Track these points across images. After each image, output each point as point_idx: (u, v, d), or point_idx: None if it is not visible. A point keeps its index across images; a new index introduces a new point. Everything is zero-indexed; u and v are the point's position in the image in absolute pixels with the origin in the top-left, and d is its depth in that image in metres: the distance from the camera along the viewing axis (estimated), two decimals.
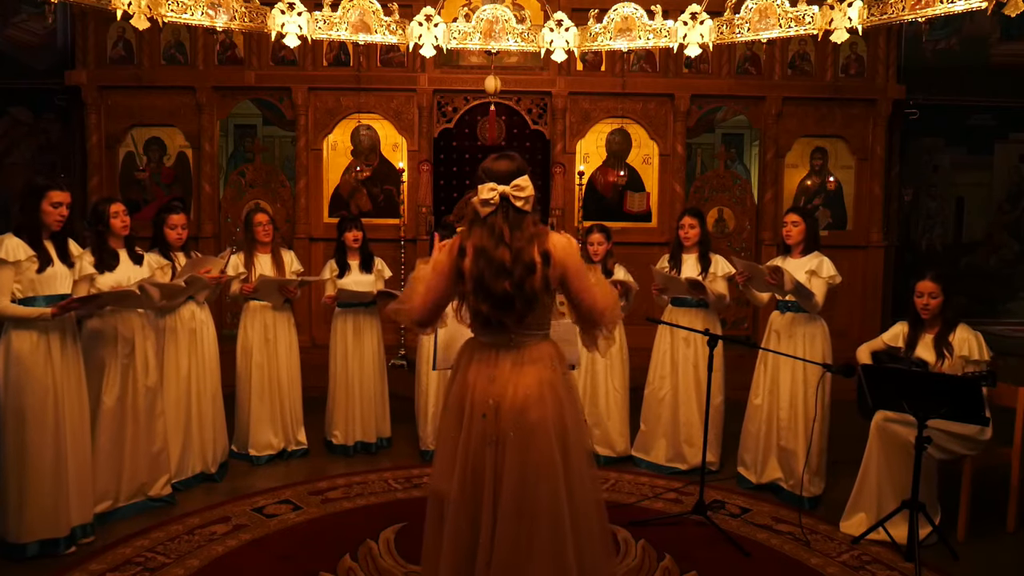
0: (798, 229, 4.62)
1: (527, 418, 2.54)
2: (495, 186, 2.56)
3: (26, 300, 3.62)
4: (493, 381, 2.59)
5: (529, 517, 2.52)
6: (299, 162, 7.49)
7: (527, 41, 5.36)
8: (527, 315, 2.57)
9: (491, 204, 2.56)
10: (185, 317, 4.62)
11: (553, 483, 2.53)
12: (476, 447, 2.57)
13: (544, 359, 2.64)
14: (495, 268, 2.52)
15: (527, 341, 2.63)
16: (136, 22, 4.35)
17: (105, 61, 7.42)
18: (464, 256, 2.59)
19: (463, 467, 2.57)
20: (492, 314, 2.55)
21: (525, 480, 2.52)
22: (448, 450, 2.65)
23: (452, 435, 2.64)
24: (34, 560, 3.66)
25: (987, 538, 4.15)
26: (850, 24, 4.55)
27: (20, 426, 3.64)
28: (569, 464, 2.58)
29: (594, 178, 7.66)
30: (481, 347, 2.67)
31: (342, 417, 5.31)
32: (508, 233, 2.54)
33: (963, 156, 8.62)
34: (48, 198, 3.64)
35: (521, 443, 2.54)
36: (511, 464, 2.53)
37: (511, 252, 2.52)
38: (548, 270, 2.54)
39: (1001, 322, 8.38)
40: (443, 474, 2.63)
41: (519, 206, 2.57)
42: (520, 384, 2.58)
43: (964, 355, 4.08)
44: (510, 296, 2.52)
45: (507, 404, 2.55)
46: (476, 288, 2.56)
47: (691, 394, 5.00)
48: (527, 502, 2.52)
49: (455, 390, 2.70)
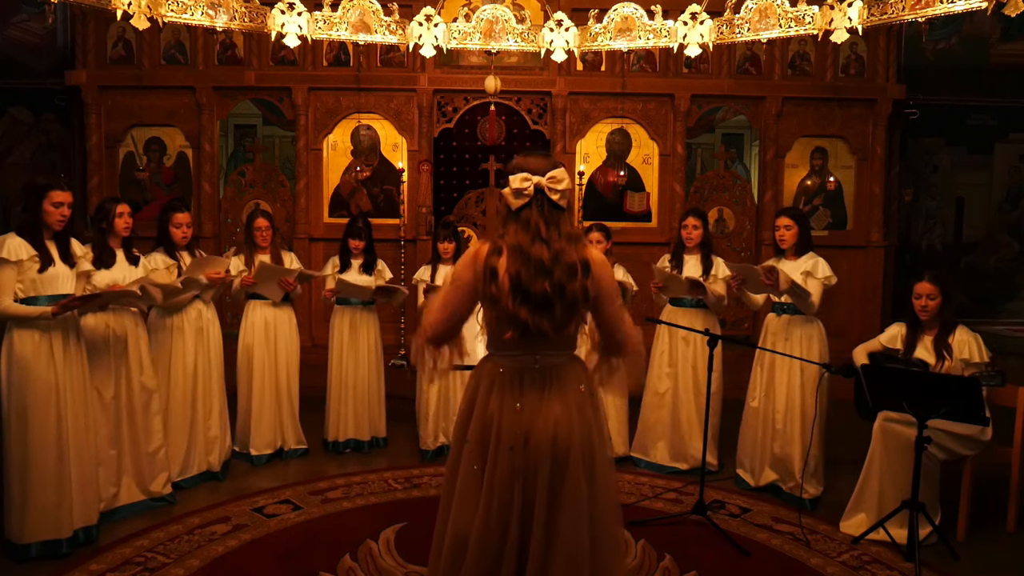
0: (791, 233, 4.62)
1: (558, 449, 2.37)
2: (529, 176, 2.38)
3: (28, 300, 3.62)
4: (520, 410, 2.40)
5: (552, 548, 2.38)
6: (299, 162, 7.48)
7: (527, 41, 5.36)
8: (567, 325, 2.38)
9: (525, 195, 2.38)
10: (192, 316, 4.64)
11: (576, 514, 2.38)
12: (502, 482, 2.38)
13: (571, 381, 2.47)
14: (533, 267, 2.32)
15: (552, 363, 2.44)
16: (136, 22, 4.35)
17: (105, 61, 7.41)
18: (495, 279, 2.36)
19: (488, 503, 2.39)
20: (531, 319, 2.33)
21: (553, 515, 2.38)
22: (471, 488, 2.43)
23: (475, 471, 2.43)
24: (36, 561, 3.65)
25: (987, 538, 4.15)
26: (850, 24, 4.55)
27: (23, 426, 3.64)
28: (595, 490, 2.44)
29: (594, 178, 7.66)
30: (502, 373, 2.45)
31: (335, 414, 5.32)
32: (545, 229, 2.35)
33: (963, 156, 8.61)
34: (49, 198, 3.64)
35: (552, 476, 2.38)
36: (542, 499, 2.37)
37: (549, 250, 2.33)
38: (587, 280, 2.36)
39: (1001, 322, 8.38)
40: (466, 513, 2.43)
41: (555, 199, 2.39)
42: (549, 413, 2.39)
43: (964, 357, 4.08)
44: (550, 299, 2.32)
45: (536, 435, 2.37)
46: (514, 290, 2.33)
47: (690, 394, 5.00)
48: (552, 535, 2.38)
49: (476, 422, 2.47)
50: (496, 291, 2.36)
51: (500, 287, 2.36)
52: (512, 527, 2.38)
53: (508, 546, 2.39)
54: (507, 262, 2.36)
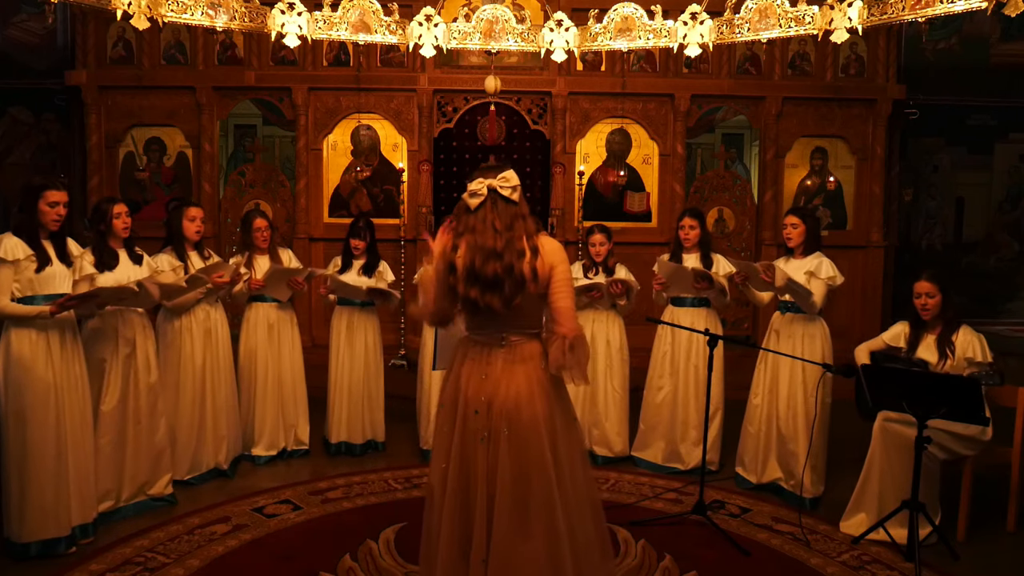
0: (798, 231, 4.62)
1: (519, 416, 2.61)
2: (483, 179, 2.68)
3: (25, 299, 3.62)
4: (485, 379, 2.67)
5: (523, 511, 2.57)
6: (299, 162, 7.49)
7: (527, 41, 5.36)
8: (514, 298, 2.61)
9: (479, 195, 2.67)
10: (200, 317, 4.66)
11: (546, 479, 2.59)
12: (468, 443, 2.65)
13: (535, 358, 2.70)
14: (485, 253, 2.61)
15: (518, 340, 2.70)
16: (136, 22, 4.34)
17: (105, 61, 7.42)
18: (456, 250, 2.67)
19: (455, 462, 2.65)
20: (481, 298, 2.61)
21: (518, 476, 2.59)
22: (443, 446, 2.73)
23: (446, 431, 2.72)
24: (35, 560, 3.65)
25: (987, 538, 4.15)
26: (850, 24, 4.55)
27: (20, 426, 3.64)
28: (559, 463, 2.64)
29: (594, 178, 7.66)
30: (474, 345, 2.74)
31: (333, 414, 5.32)
32: (498, 221, 2.64)
33: (963, 156, 8.62)
34: (45, 198, 3.64)
35: (514, 440, 2.61)
36: (504, 461, 2.60)
37: (502, 239, 2.62)
38: (536, 260, 2.62)
39: (1001, 322, 8.38)
40: (438, 469, 2.71)
41: (507, 195, 2.66)
42: (512, 382, 2.65)
43: (968, 356, 4.07)
44: (500, 279, 2.59)
45: (499, 402, 2.63)
46: (467, 276, 2.63)
47: (691, 394, 5.00)
48: (521, 498, 2.58)
49: (449, 387, 2.78)
50: (453, 280, 2.67)
51: (457, 276, 2.66)
52: (479, 487, 2.61)
53: (476, 505, 2.60)
54: (464, 253, 2.65)
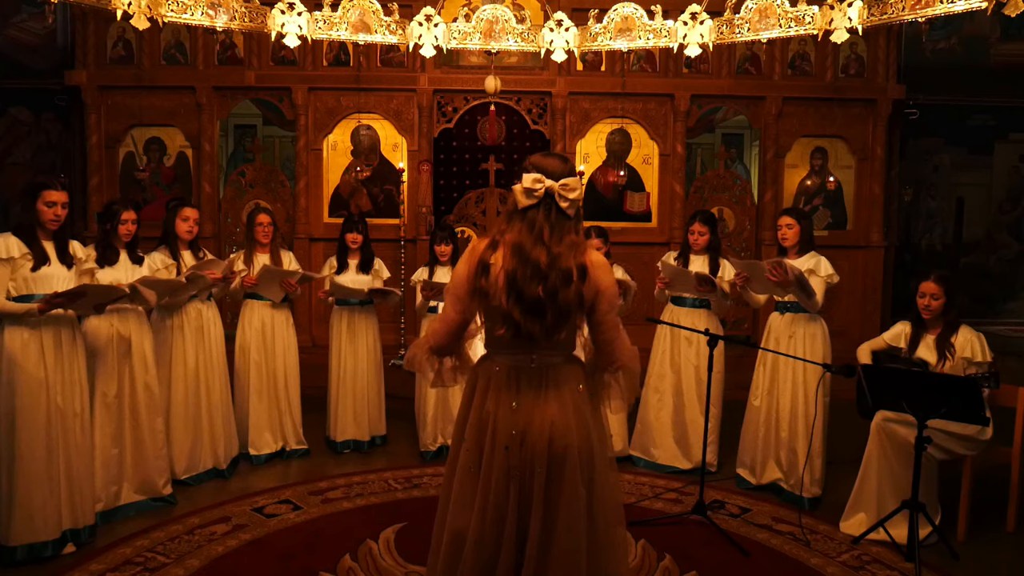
0: (793, 232, 4.62)
1: (553, 449, 2.37)
2: (543, 178, 2.36)
3: (21, 298, 3.61)
4: (516, 411, 2.40)
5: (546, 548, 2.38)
6: (299, 162, 7.48)
7: (527, 41, 5.36)
8: (558, 331, 2.37)
9: (535, 196, 2.36)
10: (192, 315, 4.67)
11: (573, 515, 2.38)
12: (498, 482, 2.39)
13: (569, 381, 2.45)
14: (530, 268, 2.32)
15: (549, 363, 2.43)
16: (136, 22, 4.35)
17: (105, 61, 7.41)
18: (486, 273, 2.37)
19: (484, 502, 2.40)
20: (523, 321, 2.32)
21: (550, 516, 2.38)
22: (468, 487, 2.44)
23: (472, 470, 2.44)
24: (32, 561, 3.63)
25: (987, 538, 4.15)
26: (850, 24, 4.55)
27: (10, 426, 3.61)
28: (593, 490, 2.43)
29: (594, 178, 7.66)
30: (498, 372, 2.45)
31: (335, 414, 5.33)
32: (548, 233, 2.34)
33: (963, 156, 8.61)
34: (43, 197, 3.64)
35: (548, 476, 2.38)
36: (538, 499, 2.37)
37: (548, 254, 2.32)
38: (583, 286, 2.35)
39: (1001, 322, 8.38)
40: (463, 512, 2.43)
41: (564, 207, 2.36)
42: (545, 413, 2.39)
43: (967, 357, 4.08)
44: (542, 304, 2.32)
45: (532, 435, 2.38)
46: (509, 288, 2.33)
47: (691, 394, 5.00)
48: (548, 536, 2.38)
49: (473, 422, 2.48)
50: (486, 285, 2.37)
51: (492, 282, 2.36)
52: (508, 527, 2.38)
53: (505, 546, 2.38)
54: (505, 259, 2.36)
